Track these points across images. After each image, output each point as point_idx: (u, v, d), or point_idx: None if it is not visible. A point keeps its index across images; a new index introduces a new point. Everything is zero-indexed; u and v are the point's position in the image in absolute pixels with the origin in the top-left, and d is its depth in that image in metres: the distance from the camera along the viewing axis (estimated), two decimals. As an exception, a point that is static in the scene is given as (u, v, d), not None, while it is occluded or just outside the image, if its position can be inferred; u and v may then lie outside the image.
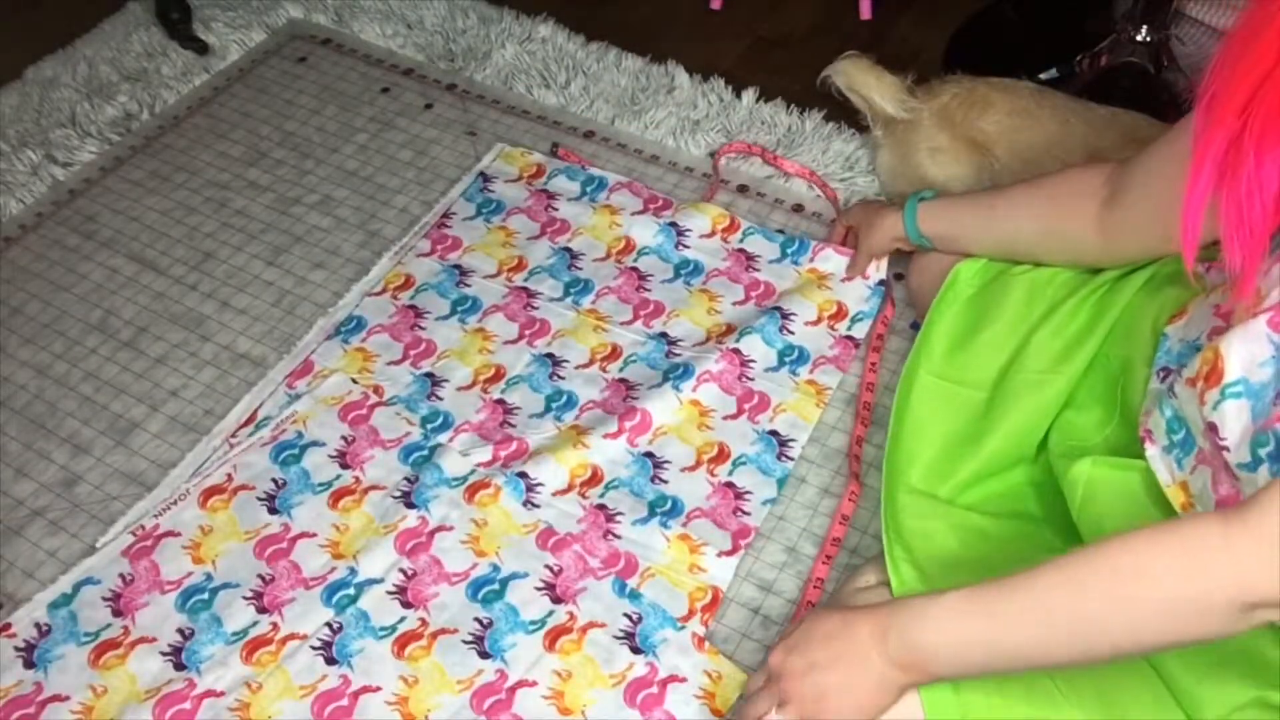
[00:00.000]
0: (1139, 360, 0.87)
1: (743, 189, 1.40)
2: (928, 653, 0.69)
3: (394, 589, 1.02)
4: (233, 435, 1.16)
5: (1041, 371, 0.94)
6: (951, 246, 1.08)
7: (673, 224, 1.33)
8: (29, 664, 1.00)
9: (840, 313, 1.23)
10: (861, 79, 1.29)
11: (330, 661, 0.98)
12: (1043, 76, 1.40)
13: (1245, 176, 0.65)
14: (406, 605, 1.01)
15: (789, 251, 1.30)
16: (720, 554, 1.03)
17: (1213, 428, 0.70)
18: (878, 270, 1.26)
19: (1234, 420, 0.69)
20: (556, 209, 1.38)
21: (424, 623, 1.00)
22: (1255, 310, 0.69)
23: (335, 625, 1.00)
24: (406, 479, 1.10)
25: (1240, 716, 0.72)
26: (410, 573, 1.03)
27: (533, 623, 0.99)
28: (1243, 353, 0.69)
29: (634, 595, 1.01)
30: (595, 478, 1.10)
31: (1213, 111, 0.67)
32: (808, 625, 0.76)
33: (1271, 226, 0.66)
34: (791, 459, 1.11)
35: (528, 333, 1.24)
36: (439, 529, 1.06)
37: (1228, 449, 0.70)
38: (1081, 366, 0.92)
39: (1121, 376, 0.89)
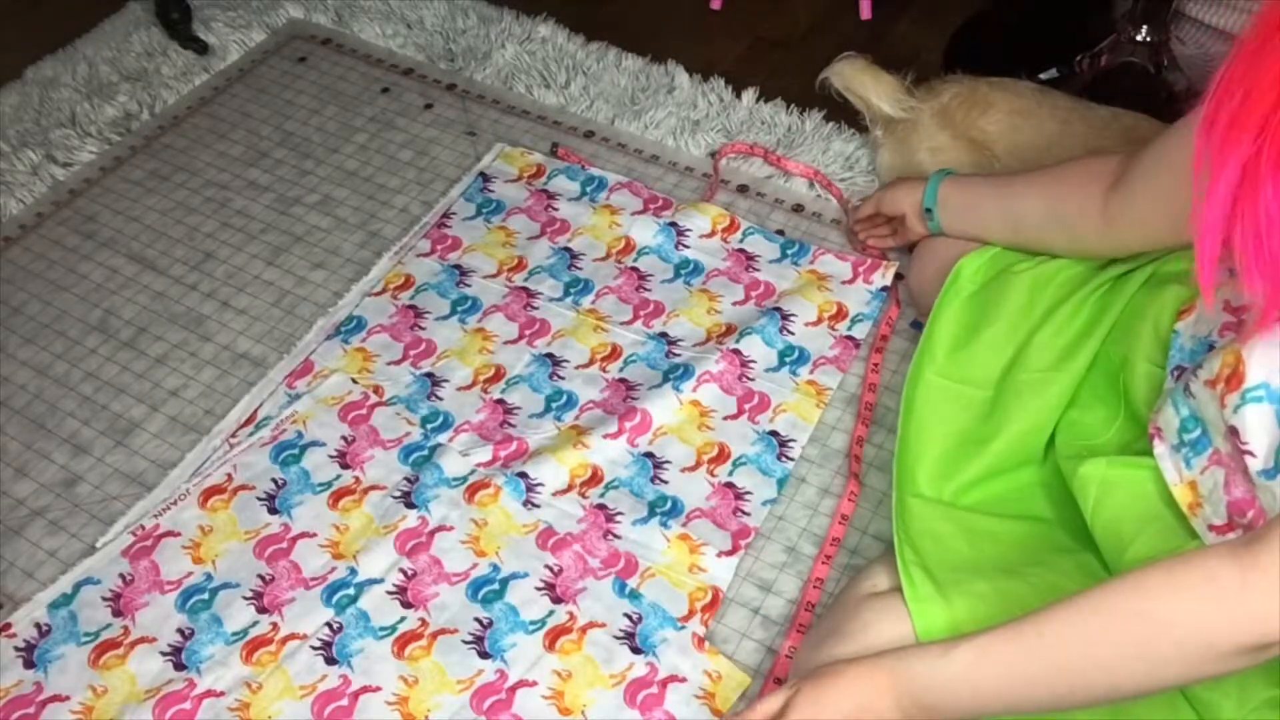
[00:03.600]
0: (1139, 357, 0.87)
1: (743, 189, 1.40)
2: (943, 709, 0.70)
3: (394, 589, 1.02)
4: (233, 435, 1.16)
5: (1044, 370, 0.94)
6: (961, 222, 1.08)
7: (673, 224, 1.33)
8: (29, 664, 1.00)
9: (840, 313, 1.23)
10: (859, 80, 1.29)
11: (330, 661, 0.98)
12: (1043, 76, 1.40)
13: (1263, 204, 0.63)
14: (406, 605, 1.01)
15: (789, 253, 1.30)
16: (720, 554, 1.03)
17: (1234, 431, 0.70)
18: (883, 275, 1.26)
19: (1256, 425, 0.69)
20: (556, 209, 1.38)
21: (424, 623, 1.00)
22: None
23: (335, 625, 1.00)
24: (406, 479, 1.10)
25: (1255, 716, 0.72)
26: (410, 573, 1.03)
27: (533, 623, 0.99)
28: (1264, 357, 0.69)
29: (634, 595, 1.01)
30: (595, 478, 1.10)
31: (1224, 139, 0.65)
32: (815, 705, 0.73)
33: None
34: (791, 459, 1.11)
35: (528, 333, 1.24)
36: (439, 529, 1.06)
37: (1252, 454, 0.69)
38: (1084, 365, 0.92)
39: (1122, 374, 0.89)
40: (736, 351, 1.18)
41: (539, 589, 1.02)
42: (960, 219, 1.08)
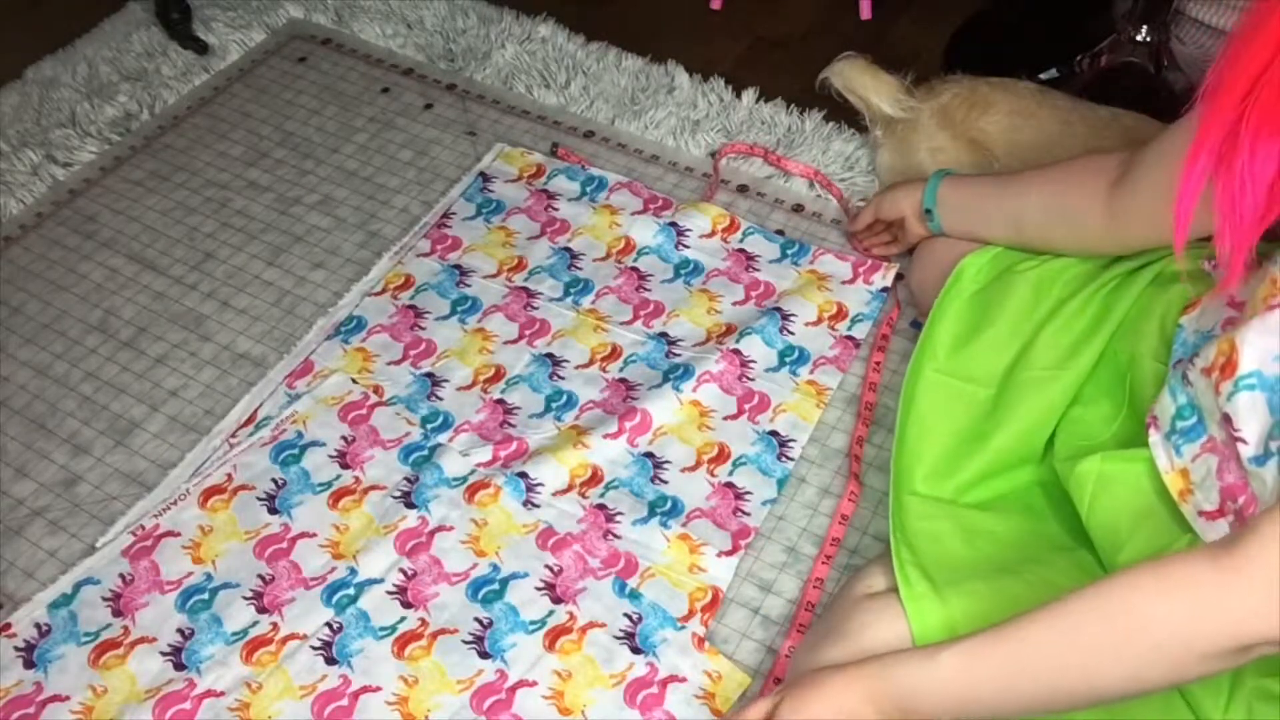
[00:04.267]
0: (1146, 355, 0.87)
1: (743, 189, 1.40)
2: (929, 713, 0.70)
3: (394, 589, 1.02)
4: (233, 435, 1.16)
5: (1048, 368, 0.94)
6: (963, 222, 1.08)
7: (673, 224, 1.33)
8: (29, 664, 1.00)
9: (840, 313, 1.23)
10: (859, 80, 1.29)
11: (330, 661, 0.98)
12: (1043, 76, 1.40)
13: (1240, 166, 0.65)
14: (406, 605, 1.01)
15: (789, 253, 1.30)
16: (720, 554, 1.03)
17: (1228, 419, 0.71)
18: (883, 276, 1.26)
19: (1248, 412, 0.69)
20: (556, 209, 1.38)
21: (424, 623, 1.00)
22: (1271, 302, 0.69)
23: (335, 625, 1.00)
24: (406, 479, 1.10)
25: (1244, 709, 0.72)
26: (410, 573, 1.03)
27: (533, 623, 0.99)
28: (1258, 345, 0.69)
29: (634, 595, 1.01)
30: (595, 478, 1.10)
31: (1212, 102, 0.68)
32: (797, 710, 0.73)
33: (1264, 217, 0.66)
34: (791, 459, 1.11)
35: (528, 333, 1.24)
36: (439, 529, 1.06)
37: (1244, 441, 0.70)
38: (1089, 363, 0.92)
39: (1129, 371, 0.89)
40: (736, 351, 1.18)
41: (539, 589, 1.02)
42: (961, 219, 1.08)
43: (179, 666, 0.98)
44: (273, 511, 1.09)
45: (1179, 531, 0.77)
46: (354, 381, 1.20)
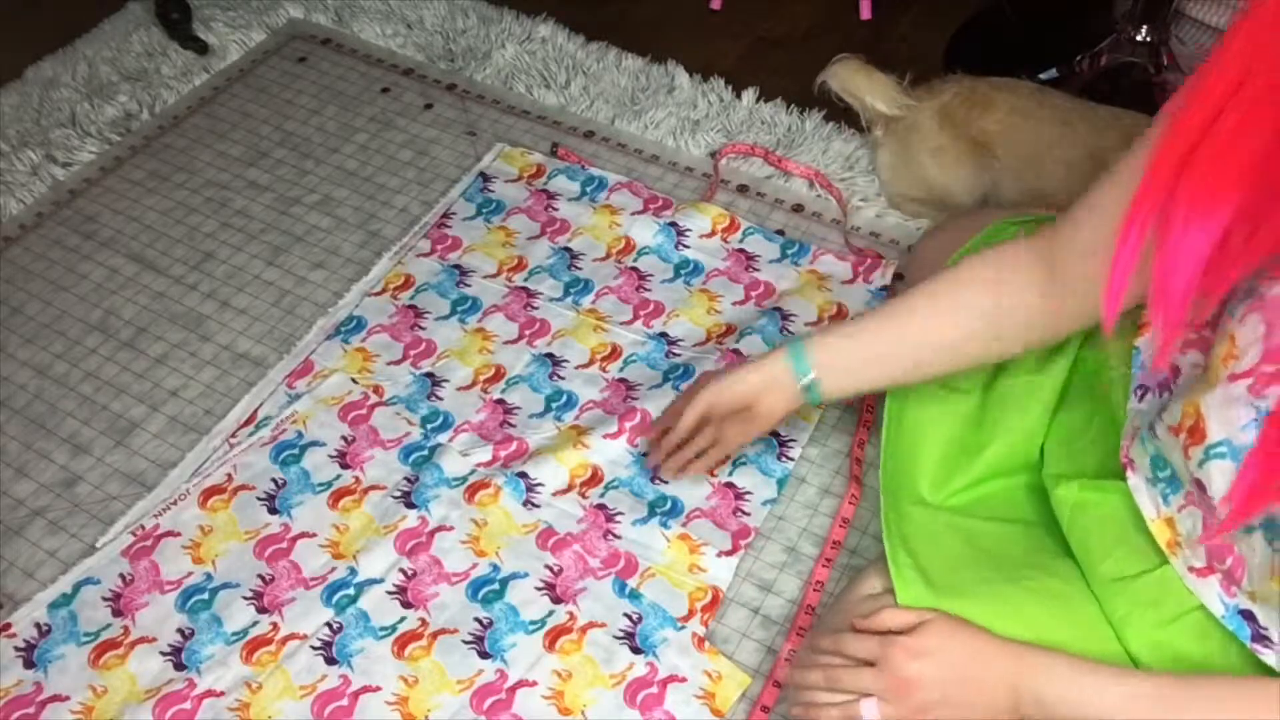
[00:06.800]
0: (1114, 360, 0.87)
1: (743, 189, 1.40)
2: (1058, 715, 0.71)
3: (394, 589, 1.02)
4: (233, 435, 1.16)
5: (1028, 374, 0.93)
6: (856, 380, 0.90)
7: (673, 224, 1.33)
8: (29, 664, 1.00)
9: (840, 313, 1.23)
10: (855, 81, 1.29)
11: (330, 661, 0.98)
12: (1043, 76, 1.40)
13: (1172, 243, 0.63)
14: (406, 605, 1.01)
15: (789, 253, 1.30)
16: (720, 554, 1.03)
17: (1200, 484, 0.69)
18: (882, 275, 1.26)
19: (1220, 480, 0.68)
20: (556, 209, 1.38)
21: (424, 623, 1.00)
22: (1235, 370, 0.67)
23: (335, 625, 1.00)
24: (406, 479, 1.10)
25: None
26: (410, 573, 1.03)
27: (533, 623, 0.99)
28: (1222, 416, 0.67)
29: (634, 595, 1.01)
30: (595, 478, 1.10)
31: (1147, 175, 0.66)
32: (942, 645, 0.74)
33: (1196, 297, 0.64)
34: (791, 459, 1.11)
35: (528, 333, 1.24)
36: (439, 529, 1.06)
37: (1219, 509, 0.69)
38: (1065, 367, 0.92)
39: (1095, 377, 0.89)
40: (736, 352, 1.18)
41: (539, 589, 1.02)
42: (853, 377, 0.90)
43: (179, 666, 0.98)
44: (273, 511, 1.09)
45: (1156, 560, 0.76)
46: (354, 381, 1.20)
